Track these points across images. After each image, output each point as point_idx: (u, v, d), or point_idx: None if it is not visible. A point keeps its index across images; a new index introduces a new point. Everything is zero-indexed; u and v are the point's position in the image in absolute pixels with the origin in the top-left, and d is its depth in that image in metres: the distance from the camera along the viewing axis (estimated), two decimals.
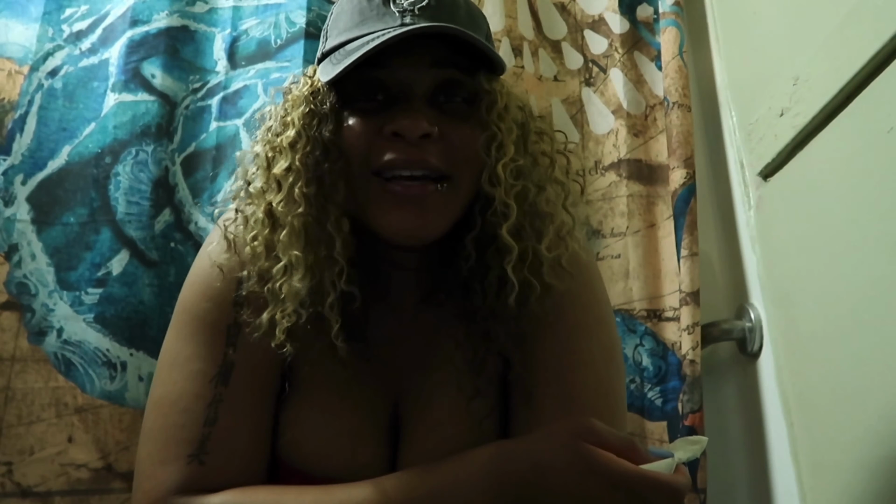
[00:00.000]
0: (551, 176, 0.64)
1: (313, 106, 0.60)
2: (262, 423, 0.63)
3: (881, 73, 0.66)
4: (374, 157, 0.58)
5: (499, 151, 0.60)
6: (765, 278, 0.91)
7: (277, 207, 0.59)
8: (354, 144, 0.59)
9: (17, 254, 0.90)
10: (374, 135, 0.58)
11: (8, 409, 0.84)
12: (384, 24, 0.58)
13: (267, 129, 0.63)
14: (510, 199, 0.59)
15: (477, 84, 0.61)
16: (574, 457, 0.49)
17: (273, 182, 0.60)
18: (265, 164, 0.61)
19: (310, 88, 0.62)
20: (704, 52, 1.12)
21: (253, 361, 0.63)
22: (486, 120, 0.61)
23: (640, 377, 0.98)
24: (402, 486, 0.55)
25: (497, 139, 0.60)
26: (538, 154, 0.64)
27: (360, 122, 0.59)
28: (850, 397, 0.70)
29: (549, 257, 0.61)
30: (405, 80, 0.59)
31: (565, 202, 0.63)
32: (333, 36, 0.62)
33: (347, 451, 0.63)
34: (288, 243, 0.58)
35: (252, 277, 0.61)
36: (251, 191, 0.61)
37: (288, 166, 0.59)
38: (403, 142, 0.57)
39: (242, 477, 0.59)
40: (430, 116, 0.58)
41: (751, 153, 0.94)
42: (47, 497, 0.83)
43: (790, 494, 0.82)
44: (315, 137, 0.59)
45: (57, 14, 1.01)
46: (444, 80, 0.60)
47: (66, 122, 0.96)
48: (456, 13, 0.61)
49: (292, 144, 0.59)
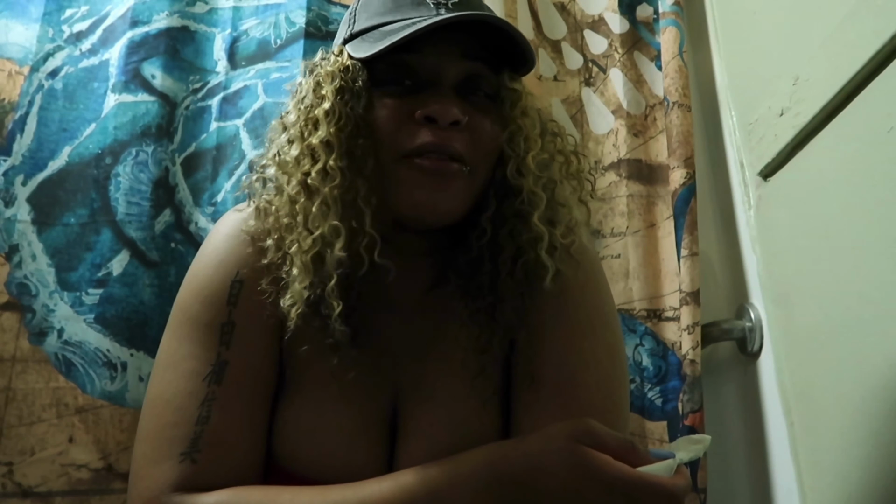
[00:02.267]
0: (566, 172, 0.67)
1: (344, 82, 0.61)
2: (258, 422, 0.63)
3: (881, 73, 0.66)
4: (404, 140, 0.60)
5: (526, 144, 0.63)
6: (765, 278, 0.91)
7: (311, 178, 0.59)
8: (385, 126, 0.60)
9: (17, 254, 0.90)
10: (405, 117, 0.60)
11: (9, 410, 0.84)
12: (418, 13, 0.60)
13: (300, 101, 0.64)
14: (539, 189, 0.62)
15: (500, 81, 0.64)
16: (571, 460, 0.49)
17: (308, 152, 0.61)
18: (300, 134, 0.62)
19: (340, 65, 0.62)
20: (704, 52, 1.12)
21: (247, 360, 0.63)
22: (510, 116, 0.64)
23: (640, 377, 0.98)
24: (397, 487, 0.54)
25: (523, 133, 0.63)
26: (555, 152, 0.66)
27: (391, 104, 0.61)
28: (850, 397, 0.70)
29: (563, 243, 0.63)
30: (435, 68, 0.61)
31: (581, 196, 0.67)
32: (363, 19, 0.64)
33: (344, 451, 0.62)
34: (322, 214, 0.59)
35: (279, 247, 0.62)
36: (286, 160, 0.62)
37: (324, 137, 0.59)
38: (433, 126, 0.59)
39: (237, 476, 0.59)
40: (460, 105, 0.60)
41: (751, 153, 0.94)
42: (48, 497, 0.83)
43: (790, 494, 0.82)
44: (348, 113, 0.60)
45: (57, 15, 1.01)
46: (471, 73, 0.62)
47: (67, 123, 0.96)
48: (482, 7, 0.65)
49: (327, 115, 0.60)
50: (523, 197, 0.62)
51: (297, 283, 0.59)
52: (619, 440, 0.50)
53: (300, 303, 0.59)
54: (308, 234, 0.59)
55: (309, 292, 0.59)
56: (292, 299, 0.59)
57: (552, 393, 0.62)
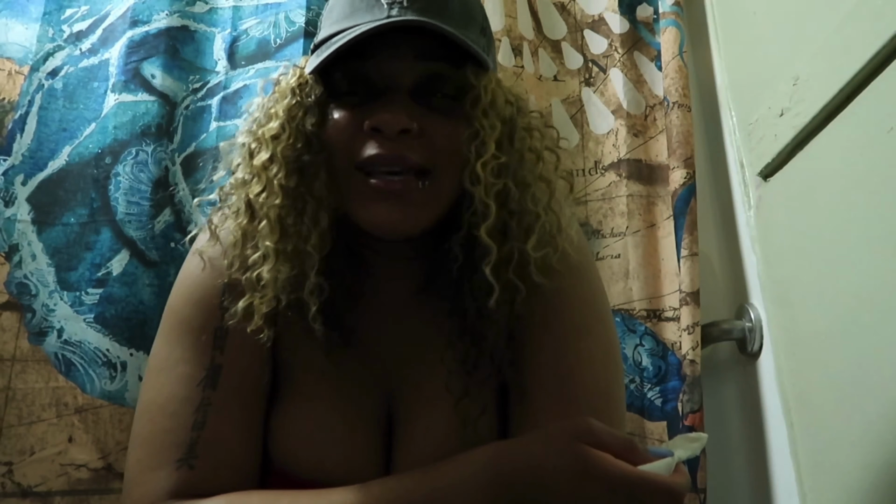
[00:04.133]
0: (538, 173, 0.62)
1: (299, 98, 0.60)
2: (253, 426, 0.63)
3: (881, 73, 0.66)
4: (355, 152, 0.58)
5: (479, 149, 0.58)
6: (765, 278, 0.91)
7: (256, 198, 0.59)
8: (337, 138, 0.59)
9: (17, 254, 0.90)
10: (357, 128, 0.58)
11: (8, 409, 0.84)
12: (371, 16, 0.57)
13: (253, 121, 0.63)
14: (489, 199, 0.58)
15: (464, 78, 0.59)
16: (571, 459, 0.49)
17: (254, 173, 0.60)
18: (248, 155, 0.61)
19: (297, 80, 0.61)
20: (704, 52, 1.12)
21: (241, 364, 0.62)
22: (471, 115, 0.59)
23: (640, 377, 0.98)
24: (397, 489, 0.54)
25: (479, 136, 0.58)
26: (525, 151, 0.61)
27: (343, 116, 0.59)
28: (850, 397, 0.70)
29: (536, 257, 0.59)
30: (389, 73, 0.58)
31: (551, 200, 0.62)
32: (325, 27, 0.62)
33: (341, 454, 0.62)
34: (265, 233, 0.59)
35: (234, 265, 0.61)
36: (232, 181, 0.62)
37: (269, 157, 0.59)
38: (383, 136, 0.56)
39: (234, 481, 0.59)
40: (412, 111, 0.57)
41: (751, 153, 0.94)
42: (47, 497, 0.83)
43: (790, 494, 0.82)
44: (298, 129, 0.59)
45: (57, 14, 1.01)
46: (428, 74, 0.59)
47: (67, 123, 0.96)
48: (447, 4, 0.59)
49: (275, 136, 0.59)
50: (474, 207, 0.58)
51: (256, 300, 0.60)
52: (618, 439, 0.50)
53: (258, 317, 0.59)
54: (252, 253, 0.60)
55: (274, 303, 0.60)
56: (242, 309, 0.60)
57: (549, 392, 0.62)
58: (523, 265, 0.59)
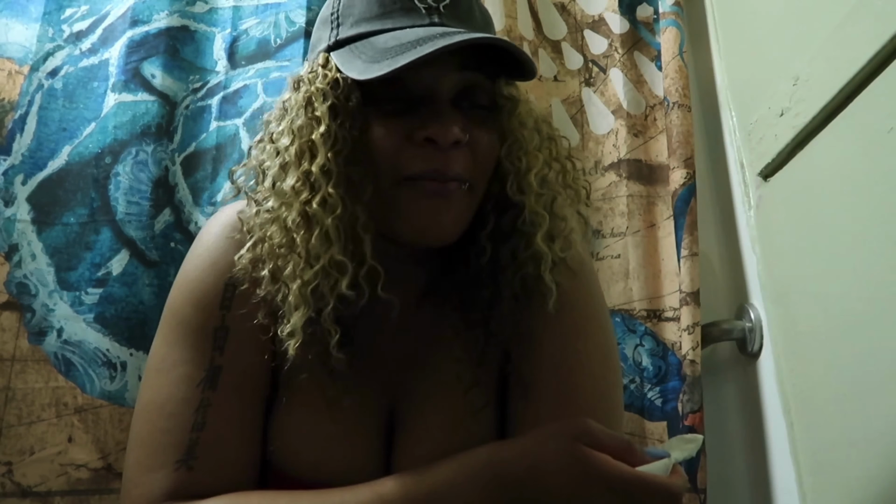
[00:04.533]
0: (563, 181, 0.64)
1: (336, 100, 0.57)
2: (253, 427, 0.62)
3: (881, 73, 0.66)
4: (404, 164, 0.56)
5: (527, 159, 0.60)
6: (765, 278, 0.91)
7: (312, 209, 0.56)
8: (383, 149, 0.57)
9: (17, 254, 0.90)
10: (402, 139, 0.56)
11: (8, 409, 0.84)
12: (411, 21, 0.57)
13: (291, 121, 0.58)
14: (540, 208, 0.60)
15: (497, 89, 0.60)
16: (570, 459, 0.49)
17: (305, 180, 0.56)
18: (296, 161, 0.57)
19: (329, 81, 0.58)
20: (704, 52, 1.12)
21: (241, 365, 0.62)
22: (507, 127, 0.60)
23: (640, 377, 0.98)
24: (397, 490, 0.54)
25: (523, 147, 0.60)
26: (552, 161, 0.64)
27: (387, 125, 0.57)
28: (850, 397, 0.70)
29: (561, 258, 0.62)
30: (430, 83, 0.57)
31: (578, 206, 0.65)
32: (348, 24, 0.59)
33: (341, 455, 0.62)
34: (322, 245, 0.56)
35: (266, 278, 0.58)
36: (283, 188, 0.57)
37: (322, 164, 0.55)
38: (434, 148, 0.56)
39: (233, 482, 0.59)
40: (459, 122, 0.57)
41: (751, 153, 0.94)
42: (47, 497, 0.83)
43: (790, 494, 0.82)
44: (344, 136, 0.57)
45: (57, 14, 1.01)
46: (468, 85, 0.59)
47: (66, 123, 0.96)
48: (472, 12, 0.61)
49: (324, 140, 0.56)
50: (525, 216, 0.60)
51: (296, 315, 0.56)
52: (616, 440, 0.50)
53: (298, 334, 0.57)
54: (309, 267, 0.56)
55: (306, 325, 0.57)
56: (292, 329, 0.57)
57: (548, 396, 0.62)
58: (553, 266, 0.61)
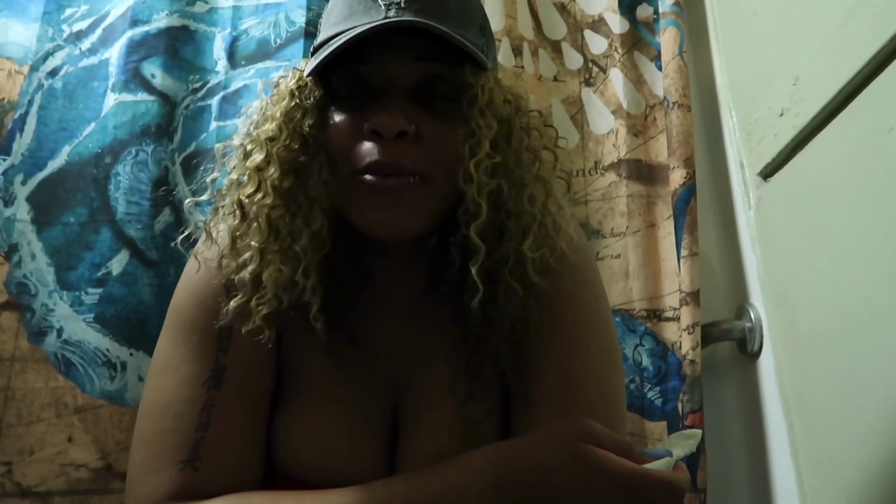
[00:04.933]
0: (535, 173, 0.61)
1: (298, 100, 0.60)
2: (257, 427, 0.63)
3: (881, 73, 0.66)
4: (354, 157, 0.57)
5: (474, 148, 0.57)
6: (765, 278, 0.91)
7: (248, 199, 0.59)
8: (336, 142, 0.58)
9: (16, 254, 0.90)
10: (356, 132, 0.57)
11: (8, 409, 0.84)
12: (369, 18, 0.57)
13: (250, 123, 0.63)
14: (481, 198, 0.57)
15: (462, 78, 0.58)
16: (574, 457, 0.49)
17: (247, 174, 0.60)
18: (242, 157, 0.61)
19: (297, 82, 0.61)
20: (704, 52, 1.12)
21: (245, 365, 0.62)
22: (468, 115, 0.58)
23: (640, 377, 0.98)
24: (400, 490, 0.54)
25: (475, 135, 0.58)
26: (522, 150, 0.61)
27: (343, 119, 0.59)
28: (850, 397, 0.70)
29: (533, 257, 0.59)
30: (387, 75, 0.58)
31: (548, 200, 0.61)
32: (325, 30, 0.62)
33: (344, 456, 0.62)
34: (254, 233, 0.59)
35: (228, 266, 0.61)
36: (227, 183, 0.62)
37: (264, 158, 0.59)
38: (381, 140, 0.56)
39: (237, 482, 0.59)
40: (410, 113, 0.56)
41: (751, 153, 0.94)
42: (47, 497, 0.83)
43: (790, 494, 0.82)
44: (295, 131, 0.59)
45: (57, 14, 1.01)
46: (426, 75, 0.58)
47: (66, 122, 0.96)
48: (445, 4, 0.58)
49: (271, 138, 0.59)
50: (466, 207, 0.57)
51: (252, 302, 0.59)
52: (617, 441, 0.50)
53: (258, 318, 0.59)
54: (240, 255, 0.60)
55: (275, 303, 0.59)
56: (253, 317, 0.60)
57: (551, 396, 0.62)
58: (520, 266, 0.59)
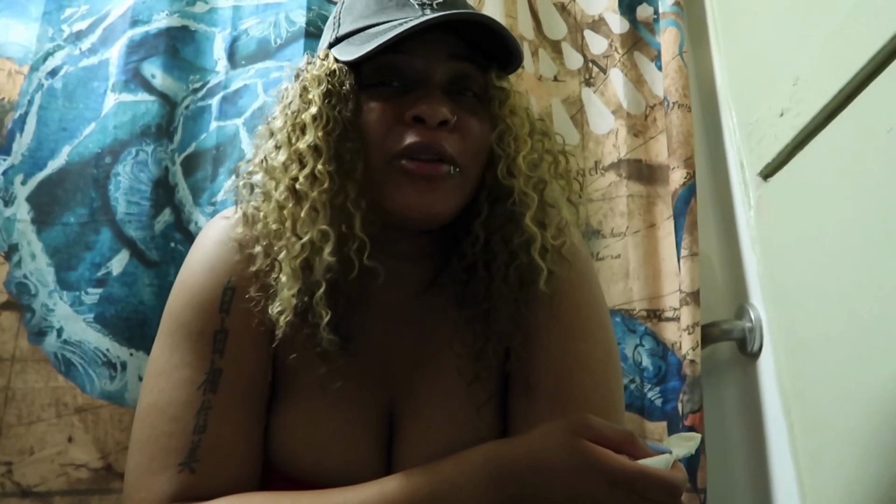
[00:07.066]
0: (555, 172, 0.66)
1: (331, 86, 0.61)
2: (253, 429, 0.63)
3: (881, 73, 0.66)
4: (393, 142, 0.59)
5: (516, 144, 0.62)
6: (765, 278, 0.91)
7: (300, 184, 0.59)
8: (374, 128, 0.60)
9: (17, 254, 0.90)
10: (394, 119, 0.60)
11: (8, 409, 0.84)
12: (404, 14, 0.60)
13: (286, 106, 0.63)
14: (530, 190, 0.62)
15: (488, 80, 0.63)
16: (572, 454, 0.49)
17: (295, 157, 0.60)
18: (287, 140, 0.61)
19: (326, 69, 0.62)
20: (704, 52, 1.12)
21: (241, 367, 0.63)
22: (499, 115, 0.63)
23: (640, 377, 0.98)
24: (399, 489, 0.54)
25: (513, 132, 0.63)
26: (543, 152, 0.66)
27: (379, 106, 0.60)
28: (850, 397, 0.70)
29: (553, 245, 0.63)
30: (423, 69, 0.61)
31: (570, 196, 0.66)
32: (348, 22, 0.63)
33: (341, 455, 0.62)
34: (311, 219, 0.58)
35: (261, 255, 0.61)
36: (273, 165, 0.61)
37: (311, 142, 0.59)
38: (423, 127, 0.59)
39: (235, 484, 0.59)
40: (448, 105, 0.60)
41: (751, 153, 0.94)
42: (47, 497, 0.83)
43: (790, 494, 0.82)
44: (335, 117, 0.60)
45: (57, 14, 1.01)
46: (459, 73, 0.62)
47: (66, 122, 0.96)
48: (467, 6, 0.64)
49: (315, 120, 0.60)
50: (514, 198, 0.62)
51: (286, 290, 0.59)
52: (618, 432, 0.50)
53: (289, 310, 0.59)
54: (297, 240, 0.59)
55: (297, 300, 0.59)
56: (281, 306, 0.59)
57: (549, 394, 0.63)
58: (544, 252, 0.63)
